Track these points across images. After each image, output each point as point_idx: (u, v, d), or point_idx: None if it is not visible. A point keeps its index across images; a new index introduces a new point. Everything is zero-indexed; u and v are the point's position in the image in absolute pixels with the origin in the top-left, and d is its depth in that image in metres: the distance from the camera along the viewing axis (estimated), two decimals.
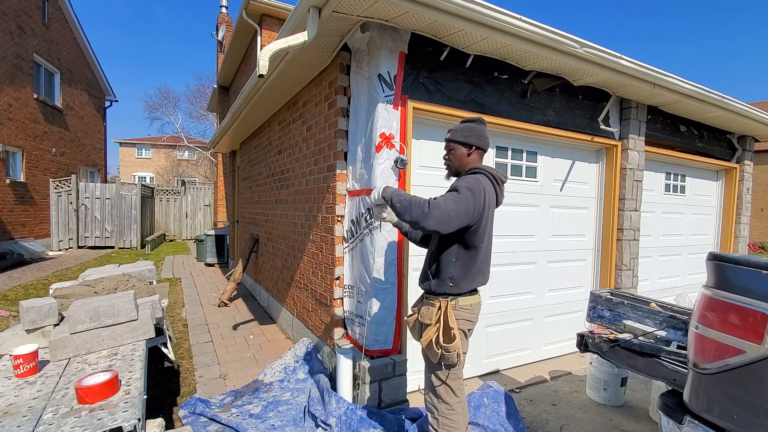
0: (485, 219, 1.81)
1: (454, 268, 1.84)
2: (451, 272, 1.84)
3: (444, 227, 1.66)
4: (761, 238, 16.03)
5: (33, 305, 2.54)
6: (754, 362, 1.27)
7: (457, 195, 1.72)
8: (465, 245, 1.83)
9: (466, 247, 1.83)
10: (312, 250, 3.49)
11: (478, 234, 1.81)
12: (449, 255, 1.85)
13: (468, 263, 1.84)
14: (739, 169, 5.21)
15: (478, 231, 1.81)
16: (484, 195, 1.76)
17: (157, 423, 1.91)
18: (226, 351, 3.87)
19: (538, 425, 2.64)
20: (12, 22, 9.13)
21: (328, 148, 3.06)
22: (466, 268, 1.84)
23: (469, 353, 3.21)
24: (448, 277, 1.85)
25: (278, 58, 2.92)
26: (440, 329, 1.81)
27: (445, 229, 1.67)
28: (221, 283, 7.15)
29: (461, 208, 1.68)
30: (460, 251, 1.84)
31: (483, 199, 1.76)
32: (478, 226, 1.80)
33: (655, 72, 3.28)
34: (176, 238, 14.66)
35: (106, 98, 14.76)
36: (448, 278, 1.85)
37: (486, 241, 1.87)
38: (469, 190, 1.72)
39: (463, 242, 1.83)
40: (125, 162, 31.02)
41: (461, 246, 1.83)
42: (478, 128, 1.94)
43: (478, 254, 1.85)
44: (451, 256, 1.84)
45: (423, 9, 2.24)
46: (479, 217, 1.77)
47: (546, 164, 3.67)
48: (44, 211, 10.47)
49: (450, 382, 1.89)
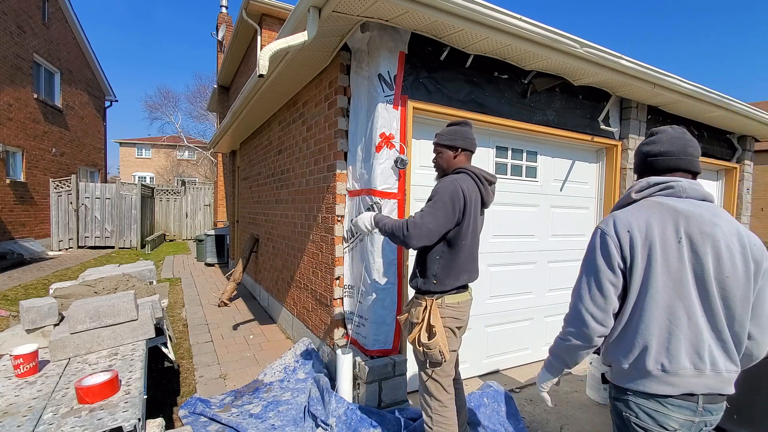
0: (467, 217, 1.84)
1: (437, 265, 1.88)
2: (435, 270, 1.88)
3: (428, 240, 1.79)
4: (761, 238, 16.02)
5: (33, 305, 2.54)
6: None
7: (432, 205, 1.80)
8: (448, 243, 1.87)
9: (449, 245, 1.88)
10: (312, 249, 3.49)
11: (461, 232, 1.85)
12: (434, 253, 1.89)
13: (451, 261, 1.87)
14: (740, 169, 5.21)
15: (461, 230, 1.85)
16: (462, 194, 1.81)
17: (157, 423, 1.91)
18: (226, 351, 3.87)
19: (538, 425, 2.64)
20: (12, 22, 9.14)
21: (328, 148, 3.06)
22: (449, 265, 1.88)
23: (469, 353, 3.24)
24: (432, 275, 1.89)
25: (278, 58, 2.92)
26: (422, 327, 1.85)
27: (430, 242, 1.80)
28: (221, 283, 7.15)
29: (439, 215, 1.77)
30: (444, 249, 1.88)
31: (462, 199, 1.81)
32: (460, 226, 1.84)
33: (655, 72, 3.28)
34: (176, 238, 14.66)
35: (106, 98, 14.76)
36: (432, 276, 1.89)
37: (469, 238, 1.89)
38: (445, 193, 1.80)
39: (447, 240, 1.87)
40: (125, 162, 31.02)
41: (445, 244, 1.88)
42: (463, 131, 1.98)
43: (461, 252, 1.88)
44: (435, 255, 1.89)
45: (423, 9, 2.24)
46: (462, 216, 1.82)
47: (546, 164, 3.67)
48: (44, 211, 10.47)
49: (439, 378, 1.91)
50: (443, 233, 1.81)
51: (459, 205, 1.80)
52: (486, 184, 1.93)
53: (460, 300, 1.93)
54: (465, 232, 1.85)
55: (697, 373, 1.16)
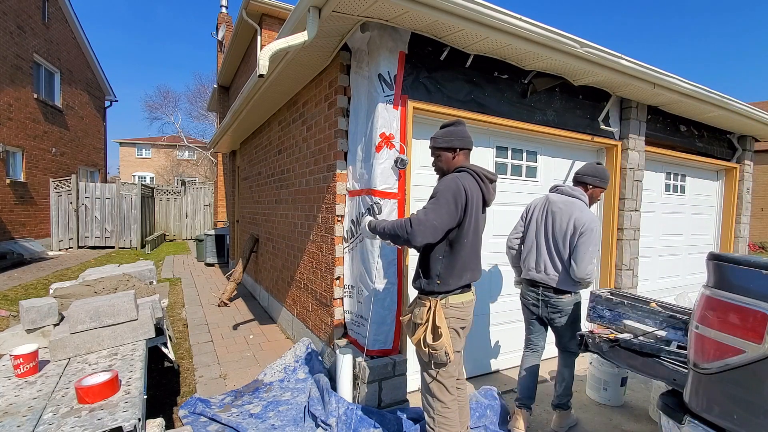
0: (469, 215, 1.84)
1: (440, 265, 1.87)
2: (438, 270, 1.88)
3: (432, 237, 1.77)
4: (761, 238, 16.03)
5: (33, 305, 2.54)
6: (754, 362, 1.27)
7: (435, 202, 1.79)
8: (450, 243, 1.87)
9: (451, 245, 1.87)
10: (312, 249, 3.49)
11: (463, 231, 1.85)
12: (436, 253, 1.89)
13: (454, 260, 1.87)
14: (739, 168, 5.21)
15: (462, 228, 1.84)
16: (465, 192, 1.81)
17: (157, 423, 1.91)
18: (226, 351, 3.87)
19: (538, 425, 2.64)
20: (12, 22, 9.13)
21: (328, 148, 3.06)
22: (452, 265, 1.87)
23: (470, 353, 3.23)
24: (435, 275, 1.88)
25: (278, 58, 2.92)
26: (427, 328, 1.84)
27: (434, 239, 1.78)
28: (221, 283, 7.15)
29: (443, 212, 1.76)
30: (446, 249, 1.88)
31: (464, 197, 1.80)
32: (462, 224, 1.84)
33: (655, 72, 3.28)
34: (176, 238, 14.66)
35: (106, 98, 14.75)
36: (436, 276, 1.88)
37: (471, 237, 1.89)
38: (448, 191, 1.79)
39: (449, 240, 1.86)
40: (125, 162, 31.02)
41: (447, 243, 1.87)
42: (457, 130, 1.98)
43: (463, 250, 1.87)
44: (438, 254, 1.88)
45: (423, 9, 2.24)
46: (464, 214, 1.82)
47: (546, 164, 3.67)
48: (44, 211, 10.47)
49: (443, 380, 1.90)
50: (447, 230, 1.81)
51: (461, 202, 1.80)
52: (487, 183, 1.93)
53: (464, 300, 1.92)
54: (467, 230, 1.85)
55: (538, 272, 2.50)
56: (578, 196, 2.47)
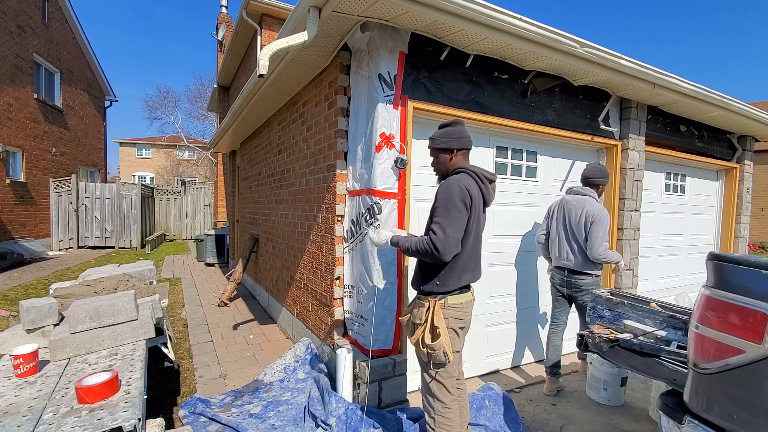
0: (471, 217, 1.84)
1: (440, 266, 1.87)
2: (437, 271, 1.88)
3: (458, 248, 1.81)
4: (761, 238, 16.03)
5: (33, 305, 2.54)
6: (754, 362, 1.27)
7: (446, 213, 1.79)
8: None
9: None
10: (312, 249, 3.49)
11: (465, 232, 1.85)
12: None
13: (454, 261, 1.87)
14: (739, 168, 5.21)
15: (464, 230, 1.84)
16: (469, 195, 1.81)
17: (157, 423, 1.91)
18: (226, 351, 3.87)
19: (538, 425, 2.64)
20: (12, 22, 9.13)
21: (328, 148, 3.06)
22: (452, 265, 1.87)
23: (469, 353, 3.23)
24: (435, 276, 1.88)
25: (278, 58, 2.92)
26: (426, 328, 1.84)
27: (459, 249, 1.83)
28: (221, 283, 7.15)
29: (459, 223, 1.79)
30: None
31: (470, 199, 1.81)
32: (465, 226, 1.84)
33: (655, 72, 3.28)
34: (176, 238, 14.66)
35: (106, 98, 14.76)
36: (435, 277, 1.88)
37: (472, 238, 1.89)
38: (454, 197, 1.80)
39: None
40: (125, 162, 31.01)
41: None
42: (455, 130, 1.97)
43: (463, 252, 1.87)
44: None
45: (423, 9, 2.24)
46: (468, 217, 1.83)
47: (546, 164, 3.67)
48: (44, 211, 10.47)
49: (442, 380, 1.90)
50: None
51: (468, 204, 1.81)
52: (486, 183, 1.93)
53: (463, 300, 1.92)
54: (468, 232, 1.85)
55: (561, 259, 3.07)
56: (588, 193, 3.04)
